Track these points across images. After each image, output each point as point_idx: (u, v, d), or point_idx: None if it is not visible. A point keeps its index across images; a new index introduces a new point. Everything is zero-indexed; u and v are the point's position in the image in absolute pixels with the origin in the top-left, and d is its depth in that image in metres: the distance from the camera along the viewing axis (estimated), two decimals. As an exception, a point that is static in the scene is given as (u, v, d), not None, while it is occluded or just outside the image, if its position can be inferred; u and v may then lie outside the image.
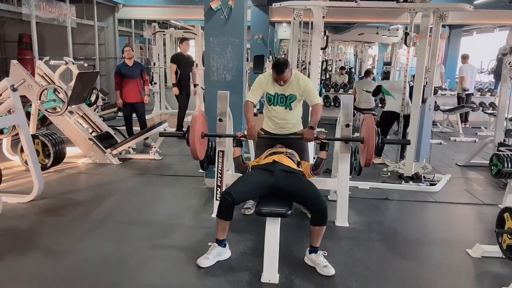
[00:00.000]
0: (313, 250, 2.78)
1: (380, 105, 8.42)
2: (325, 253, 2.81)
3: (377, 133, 3.10)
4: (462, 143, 7.35)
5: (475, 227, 3.73)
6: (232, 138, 3.37)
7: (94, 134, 5.54)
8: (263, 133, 3.38)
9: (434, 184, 4.61)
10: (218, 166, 3.56)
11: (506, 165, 3.38)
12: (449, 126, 8.51)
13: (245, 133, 3.29)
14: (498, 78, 10.34)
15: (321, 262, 2.72)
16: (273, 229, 2.64)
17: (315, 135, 3.20)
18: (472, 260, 2.96)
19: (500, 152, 3.53)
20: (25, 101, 4.64)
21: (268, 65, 7.55)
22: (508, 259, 2.71)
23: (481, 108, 9.17)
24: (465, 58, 9.00)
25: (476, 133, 8.12)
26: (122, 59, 6.21)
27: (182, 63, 6.98)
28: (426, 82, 4.80)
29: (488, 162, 3.72)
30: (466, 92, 8.85)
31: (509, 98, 5.17)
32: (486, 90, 10.01)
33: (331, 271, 2.67)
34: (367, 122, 3.13)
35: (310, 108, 3.41)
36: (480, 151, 5.67)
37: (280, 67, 3.16)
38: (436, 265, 2.90)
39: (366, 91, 7.45)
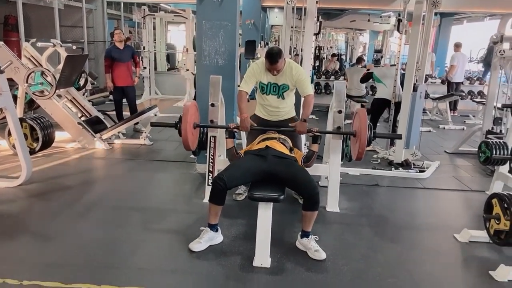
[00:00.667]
0: (305, 234, 2.81)
1: (370, 92, 8.44)
2: (316, 238, 2.83)
3: (369, 127, 3.11)
4: (451, 131, 7.44)
5: (462, 213, 3.80)
6: (225, 129, 3.35)
7: (83, 118, 5.46)
8: (255, 124, 3.35)
9: (423, 171, 4.67)
10: (210, 152, 3.55)
11: (494, 152, 3.44)
12: (438, 114, 8.59)
13: (238, 124, 3.27)
14: (487, 67, 10.46)
15: (312, 247, 2.75)
16: (265, 214, 2.65)
17: (308, 128, 3.19)
18: (459, 245, 3.02)
19: (488, 140, 3.58)
20: (12, 84, 4.53)
21: (260, 50, 7.50)
22: (495, 243, 2.77)
23: (469, 97, 9.27)
24: (458, 46, 9.03)
25: (465, 121, 8.22)
26: (111, 43, 6.09)
27: None
28: (418, 69, 4.81)
29: (476, 149, 3.78)
30: (456, 81, 8.93)
31: (499, 86, 5.23)
32: (475, 78, 10.10)
33: (322, 255, 2.70)
34: (360, 115, 3.13)
35: (302, 99, 3.39)
36: (468, 138, 5.75)
37: (274, 57, 3.12)
38: (425, 250, 2.95)
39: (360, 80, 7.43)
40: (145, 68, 9.27)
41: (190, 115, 3.15)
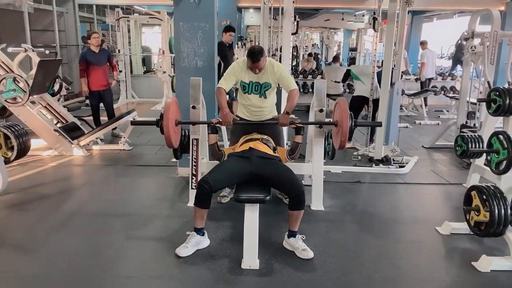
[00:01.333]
0: (292, 234, 2.81)
1: (348, 90, 8.55)
2: (303, 237, 2.85)
3: (350, 116, 3.15)
4: (427, 126, 7.62)
5: (442, 206, 3.90)
6: (207, 125, 3.33)
7: (59, 125, 5.31)
8: (238, 118, 3.35)
9: (403, 166, 4.76)
10: (192, 155, 3.51)
11: (470, 146, 3.54)
12: (414, 110, 8.79)
13: (220, 119, 3.25)
14: (456, 63, 10.79)
15: (300, 246, 2.76)
16: (252, 215, 2.64)
17: (290, 120, 3.21)
18: (441, 237, 3.10)
19: (464, 134, 3.68)
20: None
21: (237, 51, 7.50)
22: (475, 235, 2.85)
23: (443, 92, 9.52)
24: (424, 44, 9.32)
25: (439, 116, 8.44)
26: (84, 46, 5.95)
27: (227, 54, 6.34)
28: (394, 65, 4.91)
29: (451, 143, 3.88)
30: (428, 77, 9.18)
31: (471, 81, 5.39)
32: (447, 74, 10.38)
33: (310, 254, 2.72)
34: (341, 105, 3.17)
35: (286, 95, 3.40)
36: (444, 133, 5.90)
37: (256, 55, 3.12)
38: (409, 243, 3.01)
39: (335, 81, 7.52)
40: (120, 71, 9.10)
41: (172, 112, 3.11)
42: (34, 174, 4.40)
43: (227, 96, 3.41)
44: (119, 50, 9.26)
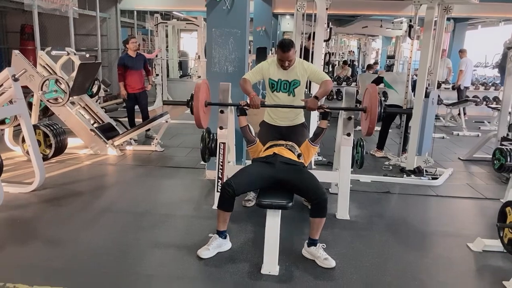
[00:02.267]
0: (312, 242, 2.78)
1: (383, 98, 8.36)
2: (323, 246, 2.80)
3: (379, 102, 3.10)
4: (465, 137, 7.32)
5: (476, 221, 3.72)
6: (236, 108, 3.37)
7: (95, 125, 5.53)
8: (265, 101, 3.34)
9: (436, 178, 4.59)
10: (219, 158, 3.55)
11: (509, 159, 3.37)
12: (452, 120, 8.47)
13: (248, 102, 3.26)
14: (503, 72, 10.30)
15: (321, 255, 2.72)
16: (273, 221, 2.63)
17: (318, 105, 3.19)
18: (473, 254, 2.96)
19: (503, 147, 3.51)
20: (27, 91, 4.63)
21: (271, 57, 7.53)
22: (509, 253, 2.71)
23: (484, 102, 9.12)
24: (463, 52, 9.10)
25: (479, 128, 8.08)
26: (124, 51, 6.16)
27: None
28: (430, 73, 4.76)
29: (490, 156, 3.70)
30: (465, 85, 8.87)
31: (514, 92, 5.13)
32: (490, 84, 9.94)
33: (332, 263, 2.67)
34: (370, 91, 3.14)
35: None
36: (483, 145, 5.64)
37: (286, 45, 3.14)
38: (437, 258, 2.89)
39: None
40: (157, 75, 9.37)
41: (202, 93, 3.18)
42: (70, 171, 4.60)
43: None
44: (156, 55, 9.53)
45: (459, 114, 8.24)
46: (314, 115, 4.57)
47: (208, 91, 3.39)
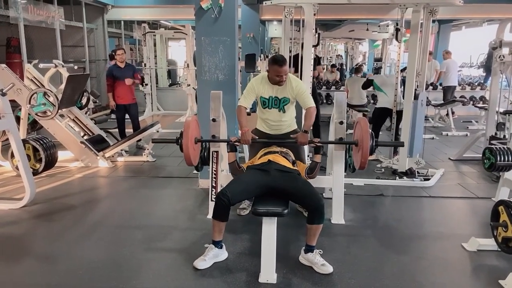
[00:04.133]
0: (309, 249, 2.77)
1: (372, 101, 8.44)
2: (320, 252, 2.80)
3: (371, 136, 3.11)
4: (454, 137, 7.41)
5: (469, 221, 3.76)
6: (226, 143, 3.35)
7: (86, 137, 5.47)
8: (257, 137, 3.34)
9: (428, 179, 4.63)
10: (212, 167, 3.54)
11: (499, 159, 3.40)
12: (441, 121, 8.57)
13: (239, 137, 3.27)
14: (488, 72, 10.48)
15: (318, 261, 2.71)
16: (269, 229, 2.62)
17: (309, 139, 3.19)
18: (468, 254, 2.98)
19: (492, 146, 3.55)
20: (14, 105, 4.56)
21: (260, 63, 7.54)
22: (503, 251, 2.73)
23: (471, 102, 9.26)
24: (448, 53, 9.27)
25: (467, 127, 8.18)
26: (112, 62, 6.13)
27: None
28: (418, 75, 4.81)
29: (480, 155, 3.74)
30: (451, 85, 9.03)
31: (500, 91, 5.22)
32: (476, 84, 10.09)
33: (329, 269, 2.67)
34: (362, 125, 3.12)
35: (304, 111, 3.38)
36: (472, 145, 5.71)
37: (282, 60, 3.15)
38: (433, 259, 2.90)
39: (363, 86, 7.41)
40: (146, 84, 9.33)
41: (191, 130, 3.15)
42: (61, 185, 4.54)
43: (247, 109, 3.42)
44: (145, 64, 9.50)
45: (447, 114, 8.36)
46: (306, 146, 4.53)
47: (197, 127, 3.37)
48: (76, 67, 6.46)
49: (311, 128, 3.45)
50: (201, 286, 2.56)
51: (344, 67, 16.82)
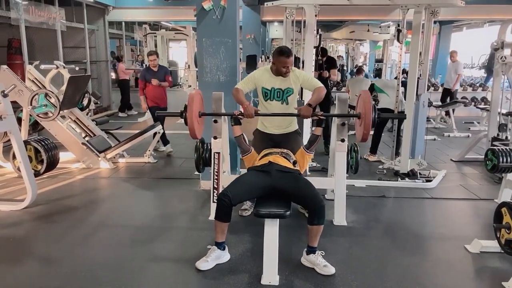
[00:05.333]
0: (311, 250, 2.76)
1: (373, 102, 8.42)
2: (322, 253, 2.79)
3: (373, 108, 3.12)
4: (456, 139, 7.39)
5: (472, 222, 3.74)
6: (230, 117, 3.34)
7: (87, 138, 5.47)
8: (259, 110, 3.32)
9: (430, 180, 4.62)
10: (214, 168, 3.53)
11: (501, 160, 3.39)
12: (442, 122, 8.56)
13: (242, 111, 3.25)
14: (489, 73, 10.45)
15: (320, 262, 2.71)
16: (272, 230, 2.61)
17: (313, 112, 3.19)
18: (471, 256, 2.97)
19: (494, 147, 3.54)
20: (16, 106, 4.56)
21: (261, 64, 7.54)
22: (506, 253, 2.72)
23: (473, 103, 9.23)
24: (456, 54, 9.11)
25: (469, 128, 8.17)
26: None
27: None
28: (420, 74, 4.81)
29: (482, 157, 3.73)
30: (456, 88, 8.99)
31: (502, 92, 5.21)
32: (477, 85, 10.07)
33: (331, 270, 2.66)
34: (364, 97, 3.15)
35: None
36: (474, 146, 5.70)
37: (289, 51, 3.18)
38: (435, 261, 2.89)
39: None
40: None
41: (195, 103, 3.16)
42: (62, 186, 4.54)
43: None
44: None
45: (447, 114, 8.33)
46: (307, 122, 4.57)
47: (201, 101, 3.38)
48: (77, 68, 6.45)
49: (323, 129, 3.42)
50: (203, 287, 2.55)
51: (345, 68, 16.82)
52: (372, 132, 5.66)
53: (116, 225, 3.50)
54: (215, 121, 3.46)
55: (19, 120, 5.01)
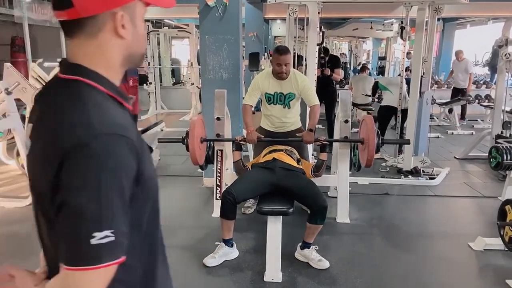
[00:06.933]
0: (306, 245, 2.78)
1: (376, 100, 8.40)
2: (316, 248, 2.80)
3: (377, 134, 3.10)
4: (460, 136, 7.36)
5: (476, 220, 3.73)
6: (232, 142, 3.34)
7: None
8: (262, 136, 3.33)
9: (433, 178, 4.61)
10: (217, 165, 3.54)
11: (505, 157, 3.38)
12: (446, 119, 8.52)
13: (244, 136, 3.26)
14: (493, 70, 10.37)
15: (315, 257, 2.73)
16: (274, 228, 2.62)
17: (315, 138, 3.19)
18: (474, 253, 2.96)
19: (498, 144, 3.53)
20: (19, 104, 4.58)
21: (264, 62, 7.53)
22: (510, 251, 2.72)
23: (477, 101, 9.18)
24: (462, 53, 8.93)
25: (473, 126, 8.14)
26: None
27: None
28: (423, 73, 4.79)
29: (486, 154, 3.72)
30: (462, 87, 8.84)
31: (506, 90, 5.19)
32: (481, 82, 10.01)
33: (326, 264, 2.69)
34: (367, 123, 3.12)
35: (308, 109, 3.37)
36: (478, 143, 5.67)
37: (283, 49, 3.17)
38: (439, 259, 2.89)
39: (365, 95, 7.40)
40: (150, 83, 9.34)
41: (197, 129, 3.15)
42: (66, 183, 4.55)
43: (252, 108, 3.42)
44: (149, 63, 9.51)
45: (449, 111, 8.27)
46: (310, 148, 4.52)
47: (203, 126, 3.37)
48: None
49: (327, 128, 3.43)
50: (206, 284, 2.56)
51: (348, 66, 16.78)
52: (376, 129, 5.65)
53: (120, 222, 3.51)
54: (218, 119, 3.46)
55: (23, 118, 5.02)
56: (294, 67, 4.41)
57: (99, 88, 0.78)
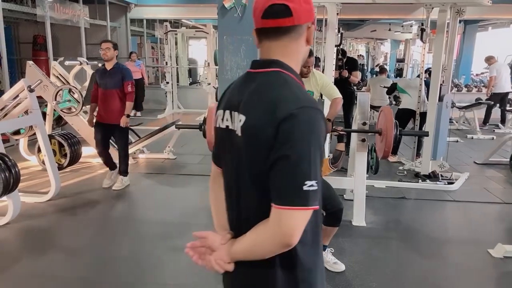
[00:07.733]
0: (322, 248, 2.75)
1: (394, 102, 8.30)
2: (332, 250, 2.77)
3: (395, 125, 3.06)
4: (480, 141, 7.22)
5: (495, 226, 3.65)
6: None
7: (108, 133, 5.55)
8: None
9: (452, 183, 4.52)
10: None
11: (528, 163, 3.31)
12: (466, 124, 8.37)
13: None
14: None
15: (330, 260, 2.70)
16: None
17: (332, 128, 3.16)
18: (494, 260, 2.89)
19: (521, 150, 3.45)
20: (40, 101, 4.68)
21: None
22: (532, 259, 2.65)
23: (498, 105, 8.97)
24: (489, 59, 8.45)
25: (494, 131, 7.96)
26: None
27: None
28: (443, 81, 4.71)
29: (507, 160, 3.64)
30: (505, 91, 8.43)
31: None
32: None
33: (341, 267, 2.67)
34: (386, 113, 3.09)
35: (329, 104, 3.35)
36: (499, 148, 5.55)
37: (311, 51, 3.16)
38: (457, 265, 2.84)
39: (384, 86, 7.31)
40: (167, 82, 9.43)
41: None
42: (84, 180, 4.63)
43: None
44: (166, 62, 9.61)
45: (484, 122, 7.96)
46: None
47: None
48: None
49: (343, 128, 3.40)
50: (219, 284, 2.56)
51: (366, 68, 16.63)
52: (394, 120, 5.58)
53: (136, 220, 3.56)
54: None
55: (44, 115, 5.13)
56: (311, 68, 4.39)
57: (292, 77, 1.04)
